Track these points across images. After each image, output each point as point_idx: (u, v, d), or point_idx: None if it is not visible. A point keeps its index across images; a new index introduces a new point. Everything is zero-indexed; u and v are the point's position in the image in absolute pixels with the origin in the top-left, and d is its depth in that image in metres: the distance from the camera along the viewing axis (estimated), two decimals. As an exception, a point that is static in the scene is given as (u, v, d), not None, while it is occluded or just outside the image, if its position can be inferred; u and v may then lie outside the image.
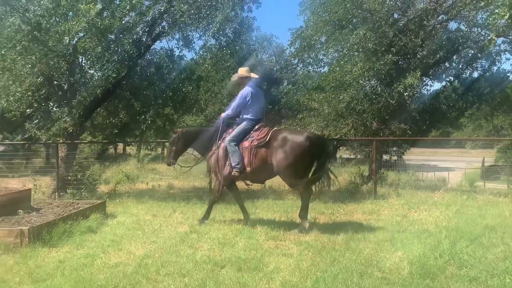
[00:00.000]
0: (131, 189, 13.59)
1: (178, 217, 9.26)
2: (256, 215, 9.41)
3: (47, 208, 8.73)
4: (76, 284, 5.00)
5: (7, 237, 6.57)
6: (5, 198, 8.12)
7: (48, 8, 11.15)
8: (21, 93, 12.17)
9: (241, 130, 8.16)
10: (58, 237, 6.98)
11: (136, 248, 6.66)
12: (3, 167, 18.83)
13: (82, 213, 8.30)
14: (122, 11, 11.17)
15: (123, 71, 12.33)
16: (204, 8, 11.59)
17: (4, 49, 11.48)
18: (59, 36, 11.30)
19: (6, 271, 5.56)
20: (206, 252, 6.40)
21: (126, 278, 5.23)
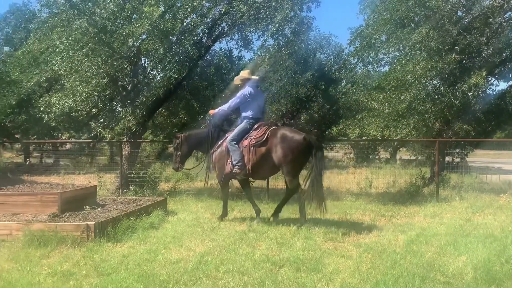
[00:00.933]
0: (190, 187, 13.85)
1: (236, 216, 9.37)
2: (313, 216, 9.35)
3: (111, 204, 9.04)
4: (140, 279, 5.15)
5: (74, 232, 6.86)
6: (73, 194, 8.47)
7: (113, 11, 11.55)
8: (88, 93, 12.65)
9: (241, 129, 8.53)
10: (122, 232, 7.21)
11: (196, 245, 6.79)
12: (70, 164, 19.64)
13: (144, 209, 8.55)
14: (183, 13, 11.42)
15: (183, 72, 12.59)
16: (263, 8, 11.66)
17: (72, 51, 12.01)
18: (124, 38, 11.71)
19: (73, 264, 5.81)
20: (264, 251, 6.43)
21: (187, 274, 5.35)
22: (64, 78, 13.17)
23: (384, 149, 32.19)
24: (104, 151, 27.53)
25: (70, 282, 5.10)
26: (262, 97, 9.10)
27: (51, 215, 7.58)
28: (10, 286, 4.96)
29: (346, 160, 31.31)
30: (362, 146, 28.87)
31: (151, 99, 13.13)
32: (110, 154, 26.40)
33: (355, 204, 11.15)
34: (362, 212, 10.01)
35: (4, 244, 6.74)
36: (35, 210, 7.85)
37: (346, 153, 34.07)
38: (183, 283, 5.08)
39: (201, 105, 14.13)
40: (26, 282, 5.05)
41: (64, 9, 11.93)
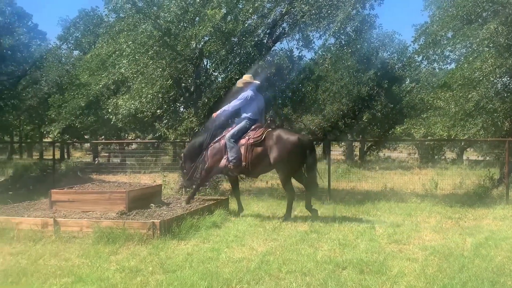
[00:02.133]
0: (251, 187, 13.95)
1: (298, 216, 9.33)
2: (377, 217, 9.20)
3: (175, 203, 9.25)
4: (204, 276, 5.24)
5: (141, 229, 7.07)
6: (139, 192, 8.74)
7: (177, 14, 11.83)
8: (152, 95, 13.04)
9: (240, 128, 9.07)
10: (186, 230, 7.37)
11: (258, 244, 6.83)
12: (136, 163, 20.29)
13: (207, 208, 8.70)
14: (245, 14, 11.52)
15: (245, 73, 12.67)
16: (325, 7, 11.57)
17: (138, 54, 12.41)
18: (187, 40, 11.97)
19: (140, 260, 5.98)
20: (326, 252, 6.38)
21: (250, 274, 5.38)
22: (130, 81, 13.64)
23: (450, 150, 31.17)
24: (168, 151, 28.21)
25: (138, 278, 5.27)
26: (262, 100, 9.64)
27: (119, 213, 7.85)
28: (81, 281, 5.17)
29: (410, 160, 30.53)
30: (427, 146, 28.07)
31: (213, 100, 13.32)
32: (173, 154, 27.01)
33: (420, 205, 10.84)
34: (428, 214, 9.73)
35: (75, 240, 7.04)
36: (104, 208, 8.16)
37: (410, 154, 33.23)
38: (246, 282, 5.12)
39: (261, 105, 14.21)
40: (96, 278, 5.25)
41: (130, 14, 12.33)
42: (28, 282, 5.15)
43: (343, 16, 11.54)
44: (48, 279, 5.26)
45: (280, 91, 13.44)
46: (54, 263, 5.90)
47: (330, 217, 9.01)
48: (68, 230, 7.29)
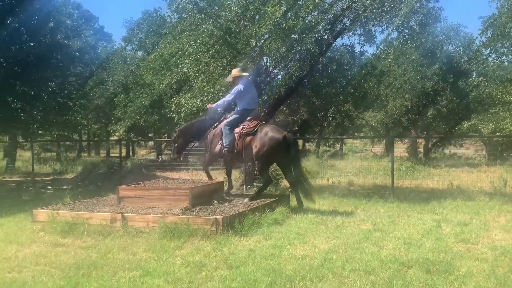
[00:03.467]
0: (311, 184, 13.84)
1: (360, 214, 9.21)
2: (443, 216, 8.92)
3: (237, 200, 9.34)
4: (267, 273, 5.26)
5: (204, 225, 7.20)
6: (202, 189, 8.90)
7: (237, 13, 11.95)
8: (213, 93, 13.21)
9: (237, 117, 9.62)
10: (248, 227, 7.41)
11: (320, 242, 6.79)
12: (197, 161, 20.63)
13: (268, 205, 8.73)
14: (305, 11, 11.46)
15: (305, 69, 12.65)
16: (387, 1, 11.30)
17: (199, 53, 12.63)
18: (247, 39, 12.05)
19: (204, 255, 6.10)
20: (391, 251, 6.25)
21: (313, 271, 5.36)
22: (192, 80, 13.90)
23: (521, 146, 29.72)
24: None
25: (202, 273, 5.37)
26: (254, 89, 10.22)
27: (183, 209, 8.02)
28: (148, 274, 5.34)
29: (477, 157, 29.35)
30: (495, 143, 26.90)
31: (273, 97, 13.36)
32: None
33: (489, 204, 10.41)
34: (497, 212, 9.33)
35: (142, 235, 7.26)
36: (169, 204, 8.36)
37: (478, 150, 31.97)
38: (309, 279, 5.10)
39: (322, 101, 14.11)
40: (162, 271, 5.40)
41: (192, 14, 12.57)
42: (98, 275, 5.36)
43: (407, 10, 11.23)
44: (117, 272, 5.46)
45: (341, 87, 13.28)
46: (122, 257, 6.12)
47: (394, 215, 8.82)
48: (135, 225, 7.53)
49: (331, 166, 22.39)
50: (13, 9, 14.72)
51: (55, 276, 5.39)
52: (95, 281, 5.12)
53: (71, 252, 6.48)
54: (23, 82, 16.59)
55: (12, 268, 5.75)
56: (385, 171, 13.88)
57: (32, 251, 6.58)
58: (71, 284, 5.02)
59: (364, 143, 34.28)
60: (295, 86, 13.32)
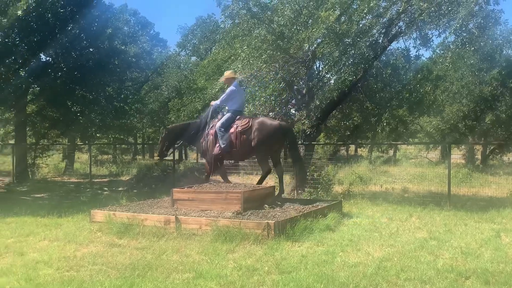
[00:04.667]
0: (364, 191, 13.66)
1: (415, 222, 8.97)
2: (502, 225, 8.58)
3: (288, 205, 9.31)
4: (319, 279, 5.21)
5: (256, 229, 7.21)
6: (253, 193, 8.92)
7: (290, 18, 11.95)
8: (265, 98, 13.27)
9: (228, 118, 9.98)
10: (299, 232, 7.37)
11: (374, 249, 6.66)
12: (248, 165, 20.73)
13: (320, 211, 8.66)
14: (359, 14, 11.32)
15: (358, 74, 12.47)
16: (445, 4, 10.99)
17: (252, 58, 12.70)
18: (300, 43, 12.03)
19: (256, 260, 6.11)
20: (447, 261, 6.06)
21: (366, 279, 5.27)
22: (244, 84, 13.98)
23: None
24: (279, 153, 28.51)
25: (254, 277, 5.37)
26: (243, 93, 10.90)
27: (235, 213, 8.06)
28: (201, 277, 5.39)
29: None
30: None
31: (325, 102, 13.24)
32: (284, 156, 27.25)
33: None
34: None
35: (195, 238, 7.36)
36: (221, 207, 8.43)
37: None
38: (363, 287, 5.01)
39: (375, 106, 13.87)
40: (215, 274, 5.44)
41: (245, 19, 12.66)
42: (153, 276, 5.46)
43: (465, 13, 10.86)
44: (171, 273, 5.55)
45: (396, 92, 13.00)
46: (176, 259, 6.21)
47: (450, 223, 8.55)
48: (188, 228, 7.64)
49: (384, 172, 22.01)
50: (74, 16, 15.32)
51: (111, 276, 5.53)
52: (150, 282, 5.22)
53: (126, 252, 6.64)
54: (82, 86, 17.23)
55: (71, 267, 5.95)
56: (441, 178, 13.49)
57: (90, 251, 6.79)
58: (127, 284, 5.14)
59: (418, 149, 33.48)
60: (348, 91, 13.16)
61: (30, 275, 5.54)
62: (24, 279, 5.41)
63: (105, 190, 15.76)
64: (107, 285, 5.12)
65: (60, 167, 24.97)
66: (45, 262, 6.15)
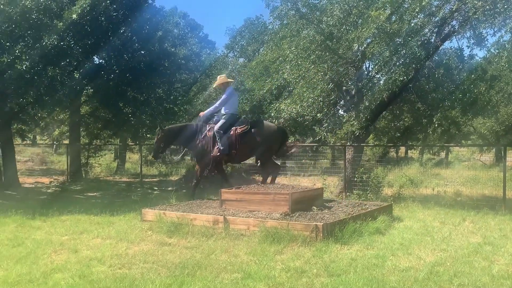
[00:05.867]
0: (415, 194, 13.34)
1: (469, 227, 8.70)
2: None
3: (337, 207, 9.21)
4: (369, 283, 5.13)
5: (304, 231, 7.17)
6: (301, 195, 8.88)
7: (339, 18, 11.84)
8: (313, 99, 13.18)
9: (226, 121, 10.35)
10: (348, 235, 7.29)
11: (425, 254, 6.50)
12: (295, 166, 20.67)
13: (370, 214, 8.52)
14: (411, 13, 11.07)
15: (410, 74, 12.19)
16: (500, 2, 10.56)
17: (300, 59, 12.68)
18: (349, 43, 11.91)
19: (304, 262, 6.07)
20: (503, 267, 5.86)
21: (418, 284, 5.15)
22: (292, 85, 13.96)
23: None
24: (326, 155, 28.29)
25: (303, 279, 5.34)
26: (237, 96, 11.18)
27: (283, 214, 8.04)
28: (249, 277, 5.41)
29: None
30: None
31: (375, 103, 13.02)
32: (332, 158, 27.02)
33: None
34: None
35: (243, 238, 7.40)
36: (268, 208, 8.43)
37: None
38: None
39: (427, 107, 13.51)
40: (263, 275, 5.45)
41: (294, 20, 12.65)
42: (202, 275, 5.53)
43: (523, 10, 10.44)
44: (220, 273, 5.60)
45: (449, 93, 12.62)
46: (224, 259, 6.26)
47: (506, 228, 8.24)
48: (236, 228, 7.69)
49: (435, 175, 21.38)
50: (126, 20, 15.68)
51: (162, 274, 5.63)
52: (200, 281, 5.28)
53: (176, 251, 6.75)
54: (133, 88, 17.62)
55: (123, 264, 6.10)
56: (496, 182, 12.99)
57: (141, 249, 6.94)
58: (177, 283, 5.22)
59: (471, 151, 32.46)
60: (398, 91, 12.88)
61: (84, 272, 5.71)
62: (78, 275, 5.57)
63: (155, 189, 16.07)
64: (158, 283, 5.21)
65: (112, 166, 25.65)
66: (98, 259, 6.32)
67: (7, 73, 13.20)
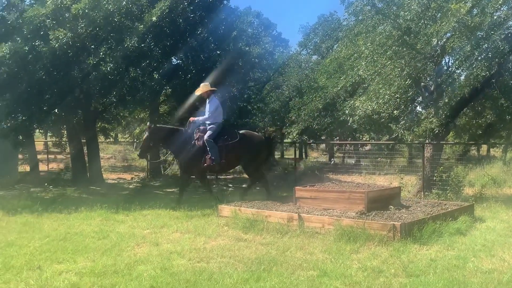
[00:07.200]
0: (498, 194, 12.75)
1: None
2: None
3: (415, 206, 9.00)
4: (449, 284, 5.00)
5: (380, 230, 7.07)
6: (378, 194, 8.75)
7: (417, 12, 11.51)
8: (390, 96, 12.87)
9: (215, 130, 10.53)
10: (427, 235, 7.09)
11: (510, 256, 6.22)
12: (370, 165, 20.35)
13: (450, 214, 8.25)
14: (493, 6, 10.58)
15: (492, 69, 11.65)
16: None
17: (376, 55, 12.44)
18: (427, 38, 11.55)
19: (382, 261, 5.99)
20: None
21: (501, 286, 4.98)
22: (367, 82, 13.73)
23: None
24: (403, 153, 27.59)
25: (380, 279, 5.28)
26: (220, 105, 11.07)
27: (359, 213, 7.97)
28: (325, 275, 5.41)
29: None
30: None
31: (455, 99, 12.54)
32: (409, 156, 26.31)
33: None
34: None
35: (318, 236, 7.40)
36: (343, 207, 8.38)
37: None
38: (499, 296, 4.72)
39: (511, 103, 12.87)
40: (339, 274, 5.43)
41: (369, 15, 12.44)
42: (278, 271, 5.59)
43: None
44: (296, 270, 5.65)
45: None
46: (300, 256, 6.30)
47: None
48: (311, 226, 7.70)
49: (521, 174, 20.31)
50: (203, 21, 16.09)
51: (238, 268, 5.76)
52: (276, 277, 5.35)
53: (252, 247, 6.87)
54: (209, 88, 18.03)
55: (201, 258, 6.29)
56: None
57: (218, 244, 7.12)
58: (253, 278, 5.32)
59: (560, 149, 30.41)
60: (480, 87, 12.33)
61: (165, 265, 5.94)
62: (160, 268, 5.81)
63: (230, 186, 16.37)
64: (235, 277, 5.33)
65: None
66: (178, 252, 6.56)
67: (92, 74, 13.96)
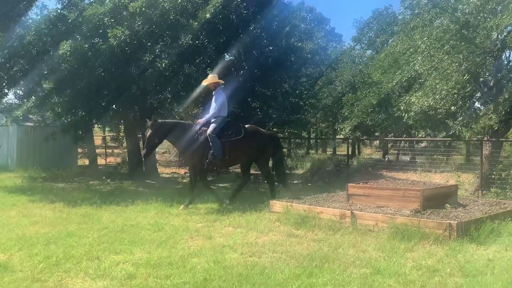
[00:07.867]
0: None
1: None
2: None
3: (472, 205, 8.74)
4: (508, 286, 4.84)
5: (436, 229, 6.90)
6: (434, 192, 8.55)
7: (476, 6, 11.16)
8: (447, 91, 12.50)
9: (219, 124, 10.13)
10: (485, 235, 6.87)
11: None
12: (426, 162, 19.86)
13: (509, 213, 7.97)
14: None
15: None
16: None
17: (433, 49, 12.13)
18: (487, 32, 11.18)
19: (437, 261, 5.86)
20: None
21: None
22: (423, 77, 13.39)
23: None
24: (460, 150, 26.78)
25: (435, 278, 5.17)
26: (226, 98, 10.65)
27: (413, 211, 7.81)
28: (379, 273, 5.35)
29: None
30: None
31: (516, 95, 12.06)
32: (466, 153, 25.51)
33: None
34: None
35: (371, 234, 7.31)
36: (398, 205, 8.24)
37: None
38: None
39: None
40: (393, 272, 5.36)
41: (426, 9, 12.18)
42: (330, 268, 5.57)
43: None
44: (348, 267, 5.61)
45: None
46: (352, 253, 6.26)
47: None
48: (364, 223, 7.62)
49: None
50: (255, 17, 16.13)
51: (290, 264, 5.78)
52: (328, 273, 5.33)
53: (304, 243, 6.87)
54: (261, 84, 18.09)
55: (253, 253, 6.35)
56: None
57: (270, 239, 7.17)
58: (305, 274, 5.33)
59: None
60: (543, 82, 11.84)
61: (218, 258, 6.04)
62: (212, 261, 5.91)
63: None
64: (287, 273, 5.36)
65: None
66: (230, 246, 6.65)
67: (148, 71, 14.30)
